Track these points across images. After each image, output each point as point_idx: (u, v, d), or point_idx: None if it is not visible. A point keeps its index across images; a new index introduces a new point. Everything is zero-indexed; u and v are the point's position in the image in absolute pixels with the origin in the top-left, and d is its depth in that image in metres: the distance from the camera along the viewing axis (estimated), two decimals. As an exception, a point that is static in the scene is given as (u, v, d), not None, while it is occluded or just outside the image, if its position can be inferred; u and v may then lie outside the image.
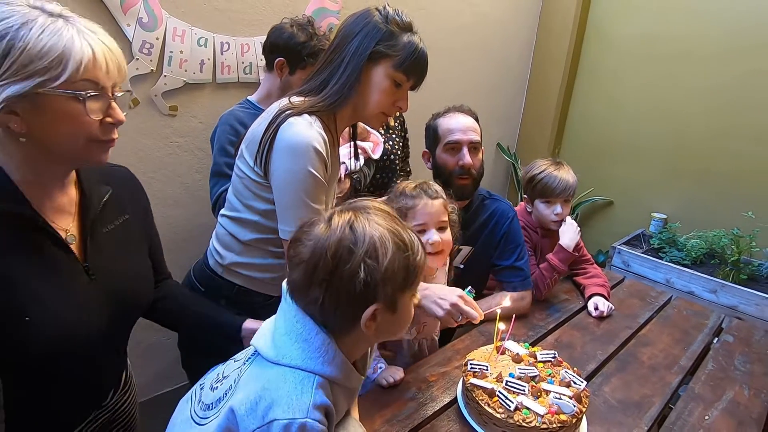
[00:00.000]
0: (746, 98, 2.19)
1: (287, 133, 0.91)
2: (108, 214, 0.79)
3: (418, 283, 0.68)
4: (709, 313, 1.50)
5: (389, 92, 0.98)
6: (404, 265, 0.63)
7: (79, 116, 0.63)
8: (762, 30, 2.11)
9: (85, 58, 0.60)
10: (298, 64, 1.36)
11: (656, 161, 2.54)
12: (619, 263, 2.34)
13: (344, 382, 0.66)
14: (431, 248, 1.04)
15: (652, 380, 1.12)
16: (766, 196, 2.18)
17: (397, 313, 0.66)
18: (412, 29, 0.98)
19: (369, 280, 0.60)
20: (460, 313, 0.98)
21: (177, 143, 1.56)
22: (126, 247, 0.83)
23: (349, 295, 0.61)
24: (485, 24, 2.51)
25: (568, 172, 1.50)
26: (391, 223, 0.65)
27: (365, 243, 0.61)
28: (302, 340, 0.64)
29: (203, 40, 1.51)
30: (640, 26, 2.50)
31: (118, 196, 0.82)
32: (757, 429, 1.00)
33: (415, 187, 1.08)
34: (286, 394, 0.61)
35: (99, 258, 0.75)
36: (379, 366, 1.04)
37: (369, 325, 0.63)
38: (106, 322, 0.75)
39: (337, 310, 0.63)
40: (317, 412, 0.61)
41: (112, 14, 1.33)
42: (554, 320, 1.37)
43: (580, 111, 2.85)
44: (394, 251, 0.62)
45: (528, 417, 0.83)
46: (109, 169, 0.83)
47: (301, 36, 1.34)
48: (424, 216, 1.05)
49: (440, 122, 1.35)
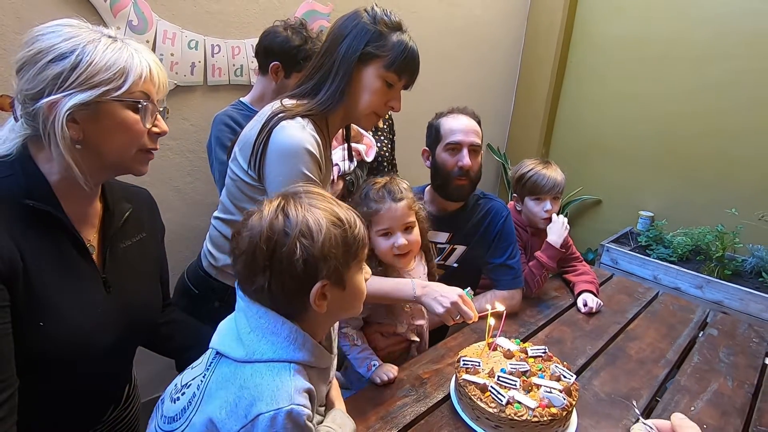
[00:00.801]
0: (729, 98, 2.25)
1: (280, 136, 0.91)
2: (127, 230, 0.82)
3: (363, 258, 0.70)
4: (695, 308, 1.54)
5: (381, 93, 0.98)
6: (342, 240, 0.64)
7: (134, 124, 0.69)
8: (744, 31, 2.17)
9: (144, 72, 0.68)
10: (293, 68, 1.36)
11: (643, 161, 2.59)
12: (607, 261, 2.37)
13: (317, 363, 0.68)
14: (398, 251, 1.06)
15: (640, 374, 1.15)
16: (749, 194, 2.23)
17: (346, 289, 0.68)
18: (401, 28, 0.98)
19: (308, 258, 0.62)
20: (459, 312, 1.00)
21: (168, 146, 1.56)
22: (141, 265, 0.85)
23: (292, 277, 0.62)
24: (475, 27, 2.54)
25: (556, 170, 1.53)
26: (324, 203, 0.67)
27: (298, 224, 0.62)
28: (270, 333, 0.65)
29: (194, 43, 1.51)
30: (625, 28, 2.55)
31: (138, 214, 0.85)
32: (741, 419, 1.03)
33: (379, 189, 1.08)
34: (266, 387, 0.61)
35: (116, 272, 0.78)
36: (373, 364, 1.05)
37: (320, 303, 0.65)
38: (119, 337, 0.76)
39: (286, 294, 0.64)
40: (300, 397, 0.62)
41: (101, 16, 1.33)
42: (545, 317, 1.39)
43: (568, 112, 2.89)
44: (329, 228, 0.63)
45: (519, 411, 0.85)
46: (131, 189, 0.88)
47: (296, 40, 1.34)
48: (389, 221, 1.06)
49: (443, 122, 1.36)
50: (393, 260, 1.09)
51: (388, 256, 1.08)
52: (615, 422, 0.97)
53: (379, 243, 1.07)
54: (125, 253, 0.81)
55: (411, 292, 1.03)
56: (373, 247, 1.08)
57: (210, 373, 0.68)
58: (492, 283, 1.42)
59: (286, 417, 0.60)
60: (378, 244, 1.08)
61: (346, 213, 0.67)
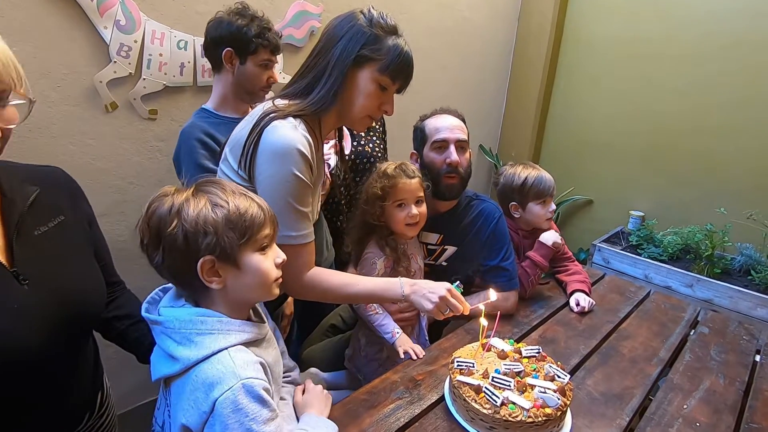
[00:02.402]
0: (717, 98, 2.28)
1: (271, 136, 0.90)
2: (40, 215, 0.74)
3: (260, 241, 0.73)
4: (686, 306, 1.55)
5: (375, 96, 0.97)
6: (224, 219, 0.68)
7: None
8: (731, 31, 2.20)
9: None
10: (247, 51, 1.29)
11: (633, 160, 2.61)
12: (599, 260, 2.39)
13: (254, 337, 0.73)
14: (411, 220, 1.21)
15: (633, 372, 1.15)
16: (737, 193, 2.26)
17: (242, 269, 0.71)
18: (397, 32, 0.97)
19: (186, 234, 0.66)
20: (447, 306, 1.00)
21: (157, 147, 1.54)
22: (65, 249, 0.77)
23: (177, 251, 0.67)
24: (466, 27, 2.54)
25: (542, 170, 1.55)
26: (218, 191, 0.71)
27: (179, 204, 0.68)
28: (196, 335, 0.69)
29: (183, 43, 1.50)
30: (614, 28, 2.58)
31: (49, 196, 0.77)
32: (732, 416, 1.03)
33: (395, 168, 1.22)
34: (213, 376, 0.65)
35: (32, 261, 0.70)
36: (396, 331, 1.16)
37: (210, 279, 0.69)
38: (50, 331, 0.70)
39: (178, 268, 0.69)
40: (249, 370, 0.66)
41: (88, 16, 1.31)
42: (538, 317, 1.39)
43: (559, 112, 2.91)
44: (207, 206, 0.68)
45: (514, 412, 0.85)
46: (35, 169, 0.80)
47: (240, 20, 1.28)
48: (405, 193, 1.20)
49: (427, 123, 1.37)
50: (404, 229, 1.23)
51: (401, 225, 1.22)
52: (609, 421, 0.97)
53: (395, 213, 1.22)
54: (41, 240, 0.73)
55: (399, 292, 1.03)
56: (387, 218, 1.23)
57: (169, 398, 0.71)
58: (487, 285, 1.41)
59: (240, 393, 0.63)
60: (393, 213, 1.22)
61: (237, 199, 0.71)
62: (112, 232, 1.48)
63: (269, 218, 0.75)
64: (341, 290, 1.01)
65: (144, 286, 1.58)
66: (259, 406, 0.65)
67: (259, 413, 0.65)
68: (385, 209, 1.22)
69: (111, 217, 1.48)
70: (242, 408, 0.63)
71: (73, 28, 1.30)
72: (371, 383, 1.03)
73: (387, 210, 1.22)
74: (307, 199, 0.96)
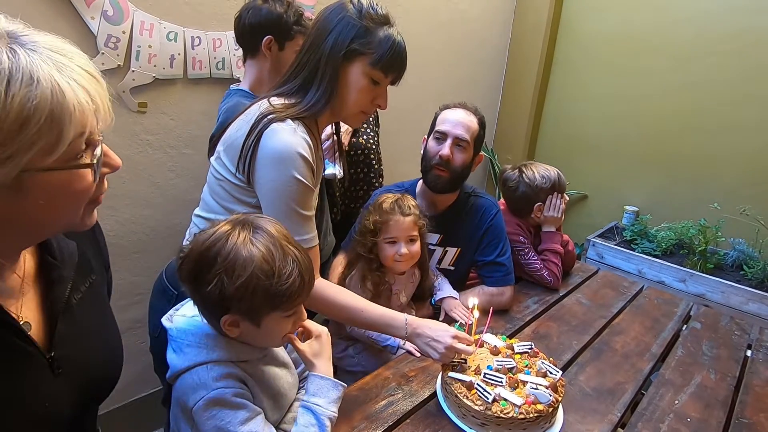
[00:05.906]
0: (710, 95, 2.27)
1: (271, 140, 0.88)
2: (77, 279, 0.62)
3: (293, 309, 0.73)
4: (679, 302, 1.56)
5: (367, 91, 0.95)
6: (264, 290, 0.67)
7: (80, 184, 0.49)
8: (725, 29, 2.19)
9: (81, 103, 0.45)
10: (287, 37, 1.32)
11: (628, 156, 2.61)
12: (593, 255, 2.39)
13: (244, 357, 0.75)
14: (399, 258, 1.21)
15: (625, 368, 1.16)
16: (730, 188, 2.27)
17: (261, 328, 0.72)
18: (388, 22, 0.94)
19: (222, 293, 0.66)
20: (456, 352, 0.94)
21: (147, 141, 1.51)
22: (96, 317, 0.68)
23: (208, 299, 0.68)
24: (462, 22, 2.52)
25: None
26: (270, 247, 0.68)
27: (228, 259, 0.66)
28: (186, 346, 0.73)
29: (173, 35, 1.47)
30: (610, 24, 2.56)
31: (80, 247, 0.65)
32: (723, 410, 1.04)
33: (391, 203, 1.22)
34: (188, 385, 0.70)
35: (68, 342, 0.59)
36: (401, 341, 1.14)
37: (229, 329, 0.71)
38: (72, 413, 0.62)
39: (202, 308, 0.72)
40: (221, 382, 0.70)
41: (74, 6, 1.27)
42: (531, 312, 1.39)
43: (555, 107, 2.90)
44: (253, 276, 0.66)
45: (506, 408, 0.84)
46: None
47: (278, 7, 1.30)
48: (396, 231, 1.20)
49: (442, 112, 1.37)
50: (392, 264, 1.23)
51: (389, 261, 1.22)
52: (601, 417, 0.97)
53: (385, 249, 1.22)
54: (80, 310, 0.62)
55: (401, 333, 0.98)
56: (378, 251, 1.23)
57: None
58: (481, 280, 1.41)
59: (211, 402, 0.68)
60: (383, 249, 1.22)
61: (284, 265, 0.68)
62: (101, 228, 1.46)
63: (307, 286, 0.73)
64: (343, 312, 0.98)
65: (135, 281, 1.59)
66: (231, 411, 0.69)
67: (234, 416, 0.69)
68: (376, 243, 1.22)
69: (100, 212, 1.43)
70: (216, 414, 0.68)
71: (57, 18, 1.27)
72: (363, 379, 1.03)
73: (378, 244, 1.22)
74: (309, 203, 0.94)
